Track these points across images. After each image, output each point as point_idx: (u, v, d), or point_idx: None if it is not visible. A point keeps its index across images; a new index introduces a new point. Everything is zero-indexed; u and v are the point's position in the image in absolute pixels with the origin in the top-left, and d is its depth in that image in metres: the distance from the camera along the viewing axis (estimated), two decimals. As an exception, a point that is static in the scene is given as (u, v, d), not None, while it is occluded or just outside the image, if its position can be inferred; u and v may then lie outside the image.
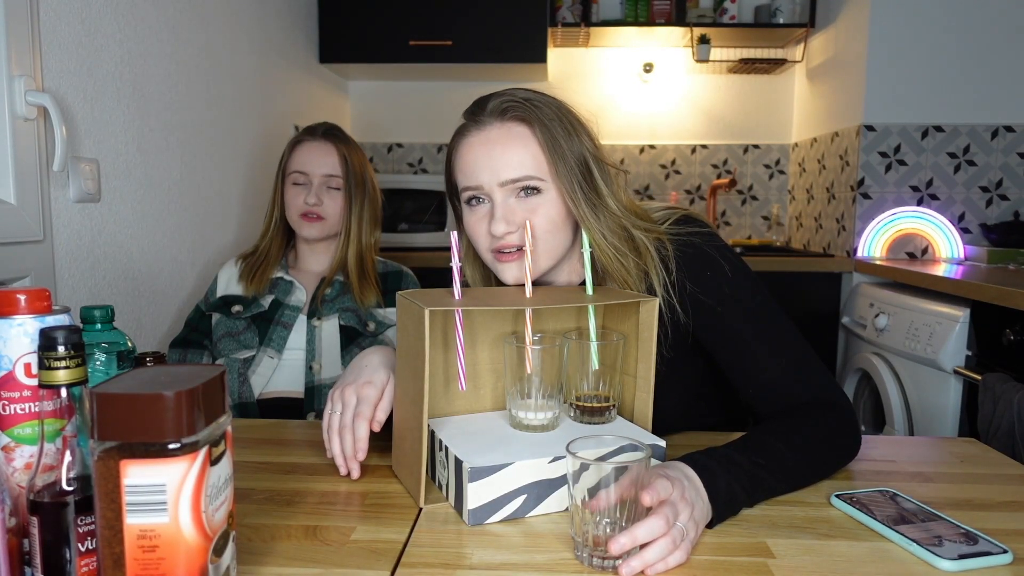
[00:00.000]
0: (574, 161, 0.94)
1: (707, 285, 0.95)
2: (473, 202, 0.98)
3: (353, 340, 1.48)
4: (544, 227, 0.95)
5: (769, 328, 0.94)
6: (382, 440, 1.00)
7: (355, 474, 0.86)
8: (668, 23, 2.80)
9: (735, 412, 1.14)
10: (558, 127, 0.95)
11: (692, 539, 0.68)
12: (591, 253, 0.93)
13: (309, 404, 1.45)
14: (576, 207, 0.94)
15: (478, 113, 0.99)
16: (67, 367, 0.56)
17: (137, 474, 0.50)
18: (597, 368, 0.88)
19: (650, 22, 2.80)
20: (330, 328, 1.49)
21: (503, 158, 0.94)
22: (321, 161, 1.53)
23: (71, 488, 0.56)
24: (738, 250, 2.60)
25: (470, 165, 0.97)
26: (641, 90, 3.12)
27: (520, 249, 0.95)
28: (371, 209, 1.57)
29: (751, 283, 0.97)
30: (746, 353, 0.94)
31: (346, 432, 0.85)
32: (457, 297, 0.84)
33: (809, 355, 0.93)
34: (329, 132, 1.57)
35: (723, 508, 0.74)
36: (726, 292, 0.95)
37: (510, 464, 0.75)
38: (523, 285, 0.90)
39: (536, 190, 0.95)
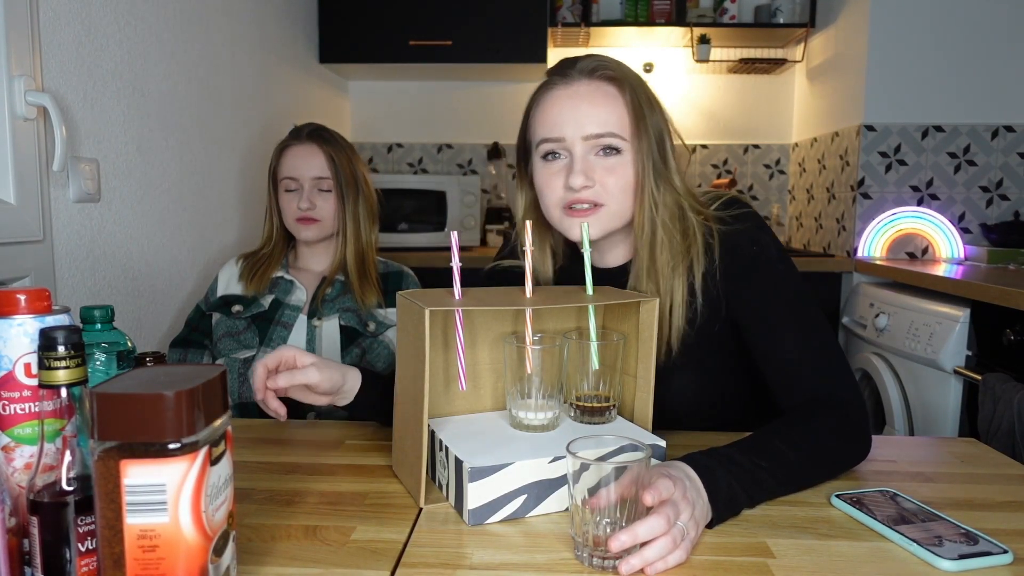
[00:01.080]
0: (654, 130, 0.97)
1: (748, 269, 0.97)
2: (550, 156, 0.99)
3: (353, 340, 1.48)
4: (619, 186, 0.97)
5: (802, 316, 0.95)
6: (382, 440, 1.00)
7: (280, 413, 0.98)
8: (668, 23, 2.80)
9: (750, 411, 1.13)
10: (643, 94, 0.98)
11: (692, 539, 0.68)
12: (646, 228, 0.96)
13: (309, 404, 1.44)
14: (644, 175, 0.96)
15: (566, 69, 1.00)
16: (67, 367, 0.56)
17: (137, 474, 0.50)
18: (597, 368, 0.88)
19: (650, 22, 2.80)
20: (330, 328, 1.49)
21: (590, 113, 0.96)
22: (309, 164, 1.52)
23: (71, 488, 0.56)
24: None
25: (553, 118, 0.98)
26: (641, 90, 3.11)
27: (594, 206, 0.97)
28: (366, 206, 1.57)
29: (790, 271, 0.99)
30: (775, 335, 0.95)
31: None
32: (457, 297, 0.84)
33: (835, 349, 0.94)
34: (314, 134, 1.56)
35: (723, 509, 0.73)
36: (765, 277, 0.97)
37: (510, 464, 0.75)
38: (522, 284, 0.90)
39: (616, 150, 0.97)
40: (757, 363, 0.98)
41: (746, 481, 0.76)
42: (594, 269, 1.05)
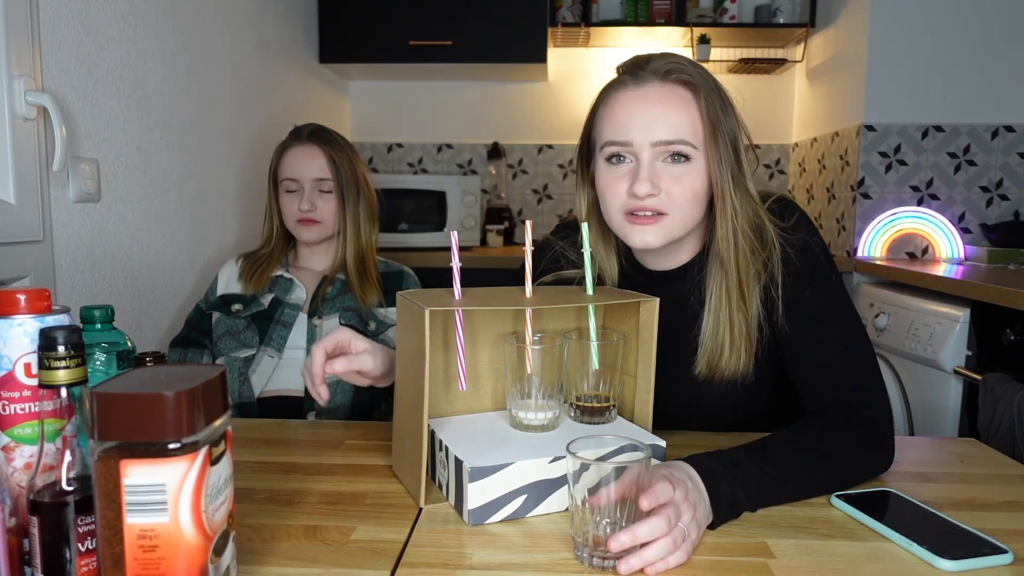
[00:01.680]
0: (729, 137, 0.93)
1: (803, 276, 0.95)
2: (615, 159, 0.95)
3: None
4: (686, 196, 0.93)
5: (842, 322, 0.93)
6: (382, 440, 1.00)
7: (323, 397, 0.93)
8: (668, 23, 2.80)
9: (771, 419, 1.10)
10: (718, 99, 0.94)
11: (693, 540, 0.68)
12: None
13: (309, 403, 1.45)
14: (722, 183, 0.93)
15: (639, 69, 0.95)
16: (67, 367, 0.56)
17: (137, 474, 0.50)
18: (597, 368, 0.88)
19: (650, 22, 2.80)
20: (331, 327, 1.49)
21: (661, 117, 0.92)
22: (309, 165, 1.52)
23: (71, 488, 0.56)
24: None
25: (622, 120, 0.94)
26: (641, 90, 3.11)
27: (657, 215, 0.93)
28: (366, 207, 1.57)
29: (837, 277, 0.97)
30: (813, 338, 0.93)
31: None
32: (457, 297, 0.84)
33: (869, 356, 0.92)
34: (314, 134, 1.56)
35: (724, 512, 0.73)
36: (818, 284, 0.95)
37: (510, 464, 0.75)
38: (524, 285, 0.90)
39: (686, 157, 0.93)
40: (788, 363, 0.96)
41: (751, 488, 0.75)
42: (651, 272, 1.05)
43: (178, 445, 0.50)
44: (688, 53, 2.95)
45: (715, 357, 0.96)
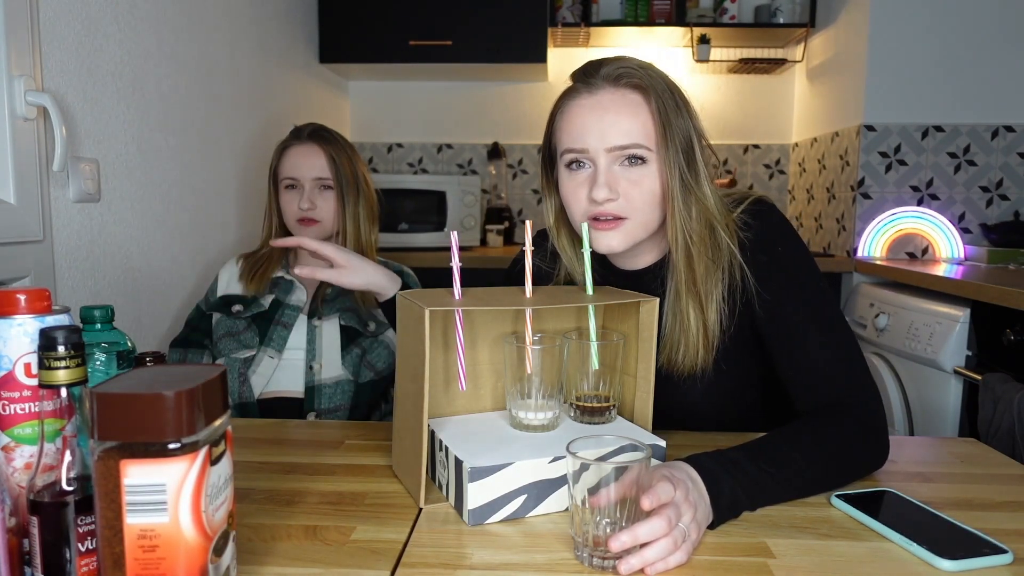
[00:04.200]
0: (681, 137, 0.94)
1: (771, 271, 0.96)
2: (574, 166, 0.97)
3: (353, 340, 1.48)
4: (644, 199, 0.95)
5: (823, 318, 0.94)
6: (382, 440, 1.00)
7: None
8: (668, 23, 2.80)
9: (764, 416, 1.12)
10: (670, 100, 0.94)
11: (694, 541, 0.68)
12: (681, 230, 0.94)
13: (309, 404, 1.45)
14: (671, 185, 0.94)
15: (590, 76, 0.97)
16: (67, 367, 0.56)
17: (137, 474, 0.50)
18: (597, 368, 0.88)
19: (650, 22, 2.80)
20: (330, 328, 1.49)
21: (614, 123, 0.94)
22: (310, 164, 1.52)
23: (71, 488, 0.56)
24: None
25: (578, 128, 0.96)
26: (641, 90, 3.12)
27: (617, 219, 0.95)
28: (366, 207, 1.56)
29: (813, 272, 0.97)
30: (796, 337, 0.94)
31: None
32: (457, 297, 0.84)
33: (856, 353, 0.93)
34: (315, 134, 1.56)
35: (725, 512, 0.73)
36: (788, 279, 0.96)
37: (510, 464, 0.75)
38: (524, 285, 0.90)
39: (641, 160, 0.94)
40: (775, 365, 0.97)
41: (751, 488, 0.76)
42: (623, 272, 1.06)
43: (178, 445, 0.50)
44: (688, 53, 2.95)
45: (673, 353, 0.97)
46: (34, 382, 0.60)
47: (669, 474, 0.70)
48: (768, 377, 1.04)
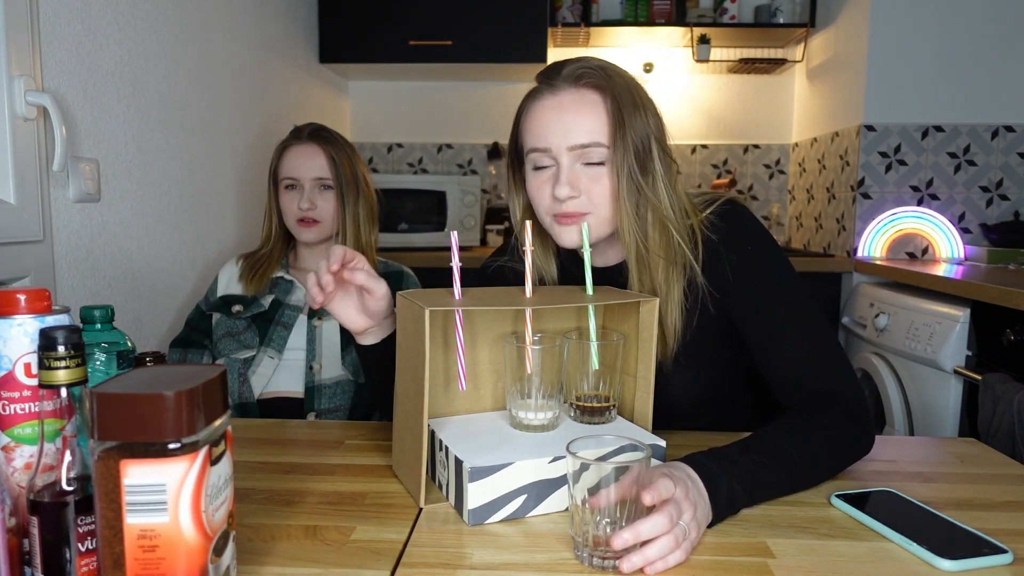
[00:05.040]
0: (635, 137, 0.94)
1: (741, 270, 0.97)
2: (538, 165, 0.99)
3: (353, 340, 1.48)
4: (605, 196, 0.96)
5: (798, 313, 0.95)
6: (382, 440, 1.00)
7: (317, 300, 0.90)
8: (668, 23, 2.80)
9: (751, 410, 1.14)
10: (627, 100, 0.95)
11: (693, 539, 0.68)
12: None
13: (309, 404, 1.45)
14: (618, 184, 0.95)
15: (553, 77, 0.99)
16: (67, 367, 0.56)
17: (137, 474, 0.50)
18: (597, 368, 0.88)
19: (650, 22, 2.80)
20: (330, 328, 1.49)
21: (575, 123, 0.95)
22: (310, 164, 1.52)
23: (71, 488, 0.56)
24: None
25: (540, 128, 0.98)
26: (641, 90, 3.12)
27: (580, 215, 0.97)
28: (366, 207, 1.56)
29: (785, 269, 0.99)
30: (773, 333, 0.95)
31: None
32: (457, 297, 0.84)
33: (833, 344, 0.94)
34: (315, 134, 1.56)
35: (724, 508, 0.74)
36: (759, 276, 0.97)
37: (510, 464, 0.75)
38: (524, 285, 0.90)
39: (601, 161, 0.96)
40: (756, 362, 0.98)
41: (747, 481, 0.76)
42: (593, 269, 1.06)
43: (178, 445, 0.50)
44: (688, 53, 2.95)
45: None
46: (34, 382, 0.60)
47: (669, 472, 0.70)
48: (754, 376, 1.05)
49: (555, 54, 3.02)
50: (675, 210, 0.98)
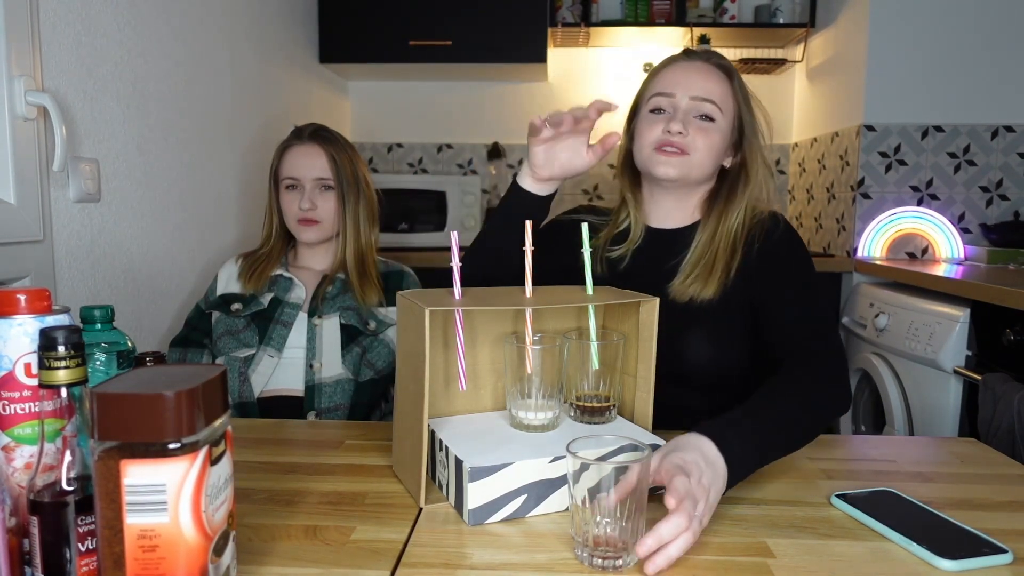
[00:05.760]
0: (746, 120, 1.17)
1: (785, 258, 1.14)
2: (658, 111, 1.15)
3: (354, 339, 1.48)
4: (708, 145, 1.13)
5: (810, 296, 1.10)
6: (382, 440, 1.00)
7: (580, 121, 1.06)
8: (668, 23, 2.80)
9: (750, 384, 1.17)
10: (747, 94, 1.18)
11: (704, 524, 0.69)
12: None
13: (309, 403, 1.44)
14: (749, 146, 1.17)
15: (689, 53, 1.20)
16: (67, 367, 0.56)
17: (137, 474, 0.50)
18: (597, 368, 0.88)
19: (650, 22, 2.80)
20: (331, 327, 1.49)
21: (701, 80, 1.14)
22: (310, 164, 1.52)
23: (71, 488, 0.56)
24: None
25: (669, 78, 1.16)
26: (641, 90, 3.12)
27: (681, 152, 1.12)
28: (367, 207, 1.57)
29: (812, 266, 1.17)
30: (784, 306, 1.08)
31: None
32: (457, 297, 0.84)
33: (830, 322, 1.08)
34: (316, 134, 1.56)
35: (737, 469, 0.76)
36: (796, 266, 1.14)
37: (510, 464, 0.75)
38: (524, 285, 0.90)
39: (712, 119, 1.13)
40: (761, 328, 1.10)
41: (752, 436, 0.79)
42: (655, 230, 1.23)
43: (178, 445, 0.50)
44: (688, 53, 2.95)
45: (690, 277, 1.14)
46: (34, 382, 0.60)
47: (681, 461, 0.71)
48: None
49: (555, 54, 3.03)
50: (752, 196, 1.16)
